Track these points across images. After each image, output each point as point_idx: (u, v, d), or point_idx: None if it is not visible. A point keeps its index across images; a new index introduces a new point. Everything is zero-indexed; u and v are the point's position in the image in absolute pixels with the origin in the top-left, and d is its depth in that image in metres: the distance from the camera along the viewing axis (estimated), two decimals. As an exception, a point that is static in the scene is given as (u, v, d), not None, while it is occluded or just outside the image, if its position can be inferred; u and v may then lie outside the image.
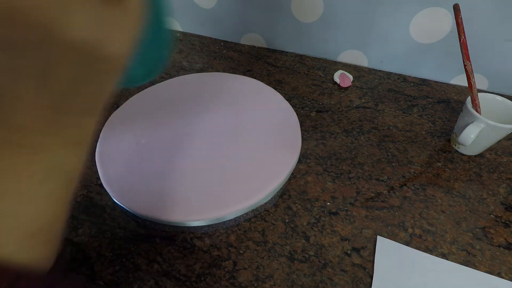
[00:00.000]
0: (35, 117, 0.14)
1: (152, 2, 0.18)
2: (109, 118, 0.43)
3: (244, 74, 0.55)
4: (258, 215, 0.35)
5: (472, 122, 0.37)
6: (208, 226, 0.33)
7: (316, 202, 0.35)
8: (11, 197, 0.14)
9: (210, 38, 0.67)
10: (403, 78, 0.54)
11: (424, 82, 0.53)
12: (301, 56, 0.60)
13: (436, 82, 0.53)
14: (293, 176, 0.38)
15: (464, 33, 0.34)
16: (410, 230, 0.33)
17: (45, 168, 0.15)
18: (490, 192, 0.36)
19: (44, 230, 0.16)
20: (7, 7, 0.11)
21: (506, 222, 0.34)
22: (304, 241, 0.32)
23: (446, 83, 0.53)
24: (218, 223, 0.33)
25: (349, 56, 0.58)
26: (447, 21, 0.47)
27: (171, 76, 0.55)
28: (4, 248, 0.14)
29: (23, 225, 0.15)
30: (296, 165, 0.39)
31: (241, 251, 0.32)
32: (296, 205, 0.35)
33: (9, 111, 0.14)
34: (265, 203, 0.35)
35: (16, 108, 0.14)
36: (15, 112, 0.14)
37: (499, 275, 0.30)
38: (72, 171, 0.17)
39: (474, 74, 0.37)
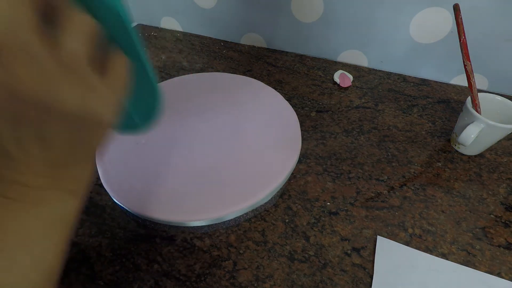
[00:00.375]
0: (36, 175, 0.16)
1: (137, 63, 0.20)
2: (109, 118, 0.43)
3: (244, 74, 0.55)
4: (258, 215, 0.35)
5: (472, 122, 0.37)
6: (208, 226, 0.33)
7: (316, 202, 0.35)
8: (13, 251, 0.15)
9: (210, 38, 0.67)
10: (403, 78, 0.54)
11: (424, 82, 0.53)
12: (301, 56, 0.60)
13: (436, 82, 0.53)
14: (293, 176, 0.38)
15: (464, 33, 0.34)
16: (410, 230, 0.33)
17: (48, 222, 0.17)
18: (490, 192, 0.36)
19: (42, 281, 0.16)
20: (8, 90, 0.13)
21: (506, 222, 0.34)
22: (304, 241, 0.32)
23: (446, 83, 0.53)
24: (218, 223, 0.33)
25: (349, 56, 0.58)
26: (447, 21, 0.47)
27: (171, 76, 0.55)
28: None
29: (24, 277, 0.16)
30: (296, 165, 0.39)
31: (241, 251, 0.32)
32: (296, 205, 0.35)
33: (14, 172, 0.16)
34: (265, 203, 0.35)
35: (21, 169, 0.16)
36: (20, 172, 0.16)
37: (499, 275, 0.30)
38: (70, 221, 0.18)
39: (474, 74, 0.37)
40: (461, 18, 0.34)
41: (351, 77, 0.53)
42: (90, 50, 0.16)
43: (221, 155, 0.37)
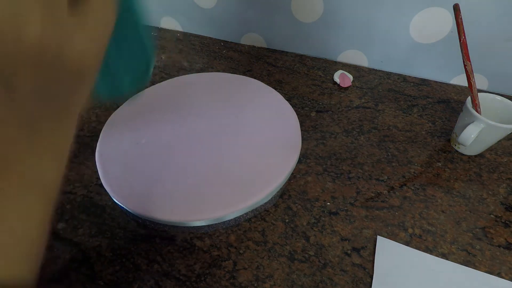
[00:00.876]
0: (5, 124, 0.13)
1: (127, 5, 0.18)
2: (109, 118, 0.43)
3: (244, 74, 0.55)
4: (258, 215, 0.35)
5: (472, 122, 0.37)
6: (208, 226, 0.33)
7: (316, 202, 0.35)
8: None
9: (210, 38, 0.67)
10: (403, 78, 0.54)
11: (424, 82, 0.53)
12: (301, 56, 0.60)
13: (436, 82, 0.53)
14: (293, 176, 0.38)
15: (464, 33, 0.34)
16: (410, 230, 0.33)
17: (21, 182, 0.14)
18: (490, 192, 0.36)
19: (23, 252, 0.15)
20: None
21: (506, 222, 0.34)
22: (304, 241, 0.32)
23: (446, 83, 0.53)
24: (218, 223, 0.33)
25: (349, 56, 0.58)
26: (447, 21, 0.47)
27: (171, 76, 0.55)
28: None
29: (4, 247, 0.14)
30: (296, 165, 0.39)
31: (241, 251, 0.32)
32: (296, 205, 0.35)
33: None
34: (265, 203, 0.35)
35: None
36: None
37: (499, 275, 0.30)
38: (50, 186, 0.16)
39: (474, 74, 0.37)
40: (461, 18, 0.34)
41: (351, 77, 0.53)
42: None
43: (221, 155, 0.37)
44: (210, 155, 0.38)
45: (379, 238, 0.32)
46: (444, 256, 0.31)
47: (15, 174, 0.14)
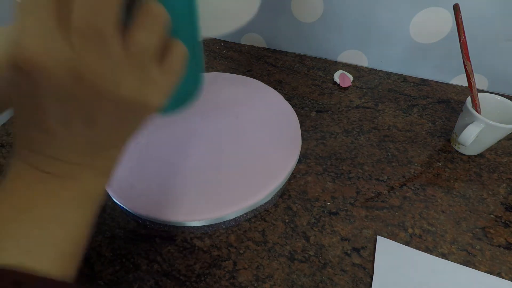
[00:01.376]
0: (75, 152, 0.17)
1: (191, 51, 0.19)
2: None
3: (244, 74, 0.55)
4: (258, 215, 0.35)
5: (472, 122, 0.37)
6: (208, 226, 0.33)
7: (316, 202, 0.35)
8: (50, 223, 0.16)
9: (210, 38, 0.67)
10: (403, 78, 0.54)
11: (424, 82, 0.53)
12: (301, 56, 0.60)
13: (436, 82, 0.53)
14: (293, 176, 0.38)
15: (464, 33, 0.34)
16: (410, 230, 0.33)
17: (80, 196, 0.17)
18: (490, 192, 0.36)
19: (72, 252, 0.18)
20: (73, 72, 0.14)
21: (506, 222, 0.34)
22: (304, 241, 0.32)
23: (446, 83, 0.53)
24: (218, 223, 0.33)
25: (349, 56, 0.58)
26: (447, 21, 0.47)
27: (171, 76, 0.55)
28: (41, 266, 0.16)
29: (56, 247, 0.17)
30: (296, 165, 0.39)
31: (241, 251, 0.32)
32: (296, 205, 0.35)
33: (54, 148, 0.16)
34: (265, 203, 0.35)
35: (61, 145, 0.16)
36: (60, 148, 0.16)
37: (499, 275, 0.30)
38: (98, 198, 0.19)
39: (474, 74, 0.37)
40: (461, 18, 0.34)
41: (351, 77, 0.53)
42: (157, 42, 0.16)
43: (221, 155, 0.37)
44: (210, 155, 0.37)
45: (379, 238, 0.32)
46: (444, 256, 0.31)
47: (77, 189, 0.17)
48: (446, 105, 0.49)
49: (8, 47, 0.13)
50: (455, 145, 0.41)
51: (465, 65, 0.36)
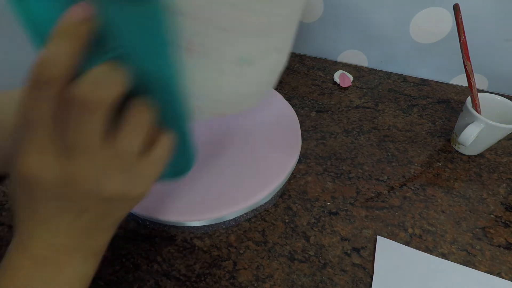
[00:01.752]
0: (66, 236, 0.18)
1: (179, 135, 0.20)
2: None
3: (244, 74, 0.55)
4: (258, 215, 0.35)
5: (472, 122, 0.37)
6: (208, 226, 0.33)
7: (316, 202, 0.35)
8: None
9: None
10: (403, 78, 0.54)
11: (424, 82, 0.53)
12: (301, 56, 0.60)
13: (436, 82, 0.53)
14: (293, 176, 0.38)
15: (464, 33, 0.34)
16: (410, 230, 0.33)
17: (69, 281, 0.18)
18: (490, 192, 0.36)
19: None
20: (64, 177, 0.16)
21: (506, 222, 0.34)
22: (304, 241, 0.32)
23: (446, 83, 0.53)
24: (218, 223, 0.33)
25: (349, 56, 0.58)
26: (447, 21, 0.47)
27: (171, 76, 0.55)
28: None
29: None
30: (296, 165, 0.39)
31: (241, 251, 0.32)
32: (296, 205, 0.35)
33: (50, 233, 0.17)
34: (265, 203, 0.35)
35: (56, 232, 0.17)
36: (54, 235, 0.18)
37: (499, 275, 0.30)
38: (88, 279, 0.20)
39: (474, 74, 0.37)
40: (461, 18, 0.34)
41: (351, 77, 0.53)
42: (142, 143, 0.17)
43: (221, 155, 0.37)
44: (210, 155, 0.37)
45: (379, 238, 0.32)
46: (444, 256, 0.31)
47: (67, 274, 0.18)
48: (446, 105, 0.49)
49: (11, 149, 0.17)
50: (455, 145, 0.41)
51: (465, 65, 0.36)
